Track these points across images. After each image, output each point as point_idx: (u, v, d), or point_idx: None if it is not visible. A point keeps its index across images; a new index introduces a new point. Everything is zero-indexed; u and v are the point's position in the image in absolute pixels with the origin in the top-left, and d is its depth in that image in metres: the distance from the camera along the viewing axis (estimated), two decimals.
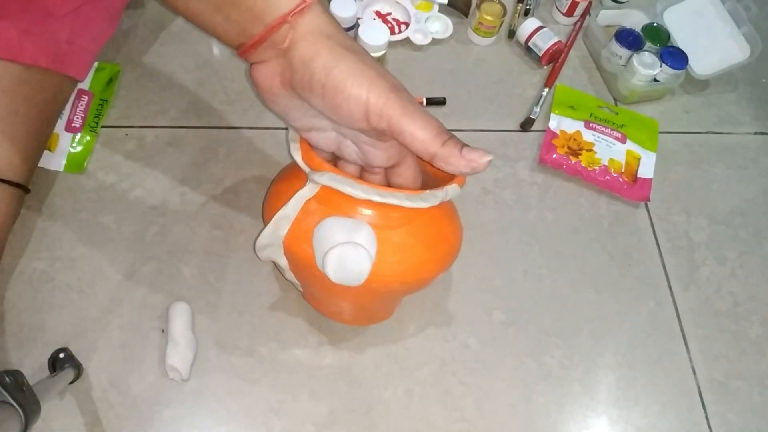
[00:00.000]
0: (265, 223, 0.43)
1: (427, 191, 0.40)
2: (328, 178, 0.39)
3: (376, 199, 0.38)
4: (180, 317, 0.50)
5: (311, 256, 0.41)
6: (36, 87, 0.48)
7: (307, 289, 0.50)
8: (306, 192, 0.41)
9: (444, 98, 0.66)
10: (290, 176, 0.45)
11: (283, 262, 0.45)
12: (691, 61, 0.68)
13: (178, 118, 0.62)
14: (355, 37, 0.65)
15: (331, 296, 0.47)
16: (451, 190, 0.41)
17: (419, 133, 0.36)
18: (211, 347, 0.50)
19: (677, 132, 0.68)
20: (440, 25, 0.71)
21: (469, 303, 0.55)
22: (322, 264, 0.40)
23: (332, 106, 0.37)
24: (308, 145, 0.43)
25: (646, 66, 0.65)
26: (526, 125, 0.66)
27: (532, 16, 0.72)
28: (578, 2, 0.71)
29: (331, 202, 0.41)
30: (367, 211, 0.40)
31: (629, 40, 0.68)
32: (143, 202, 0.56)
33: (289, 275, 0.47)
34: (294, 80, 0.38)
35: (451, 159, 0.37)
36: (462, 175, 0.41)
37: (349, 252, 0.39)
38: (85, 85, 0.60)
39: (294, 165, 0.44)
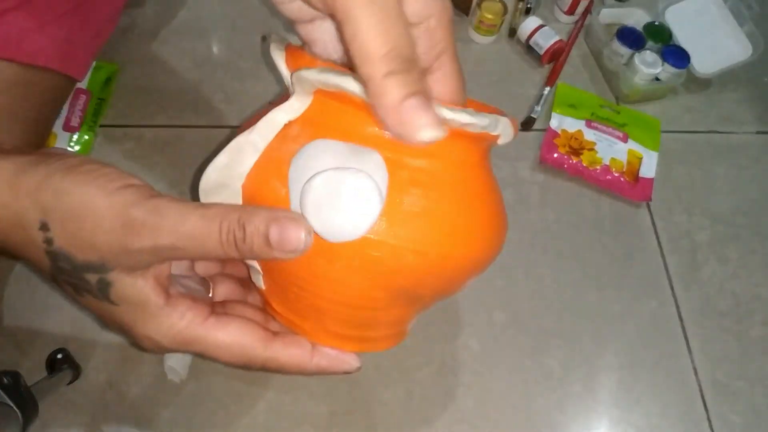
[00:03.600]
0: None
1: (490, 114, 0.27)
2: (325, 74, 0.26)
3: None
4: None
5: (285, 201, 0.27)
6: (34, 86, 0.48)
7: (271, 274, 0.31)
8: (286, 108, 0.27)
9: None
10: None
11: None
12: (693, 60, 0.67)
13: (177, 117, 0.61)
14: None
15: (307, 284, 0.29)
16: (502, 125, 0.28)
17: (363, 35, 0.23)
18: None
19: (679, 131, 0.68)
20: None
21: (469, 303, 0.55)
22: (299, 203, 0.26)
23: None
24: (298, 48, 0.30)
25: (648, 65, 0.65)
26: (527, 124, 0.66)
27: (533, 14, 0.72)
28: (579, 1, 0.71)
29: (326, 124, 0.27)
30: (381, 134, 0.26)
31: (631, 38, 0.68)
32: None
33: None
34: None
35: (382, 100, 0.24)
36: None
37: (345, 178, 0.25)
38: (83, 84, 0.60)
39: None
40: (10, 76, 0.46)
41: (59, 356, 0.47)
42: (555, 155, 0.62)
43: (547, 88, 0.68)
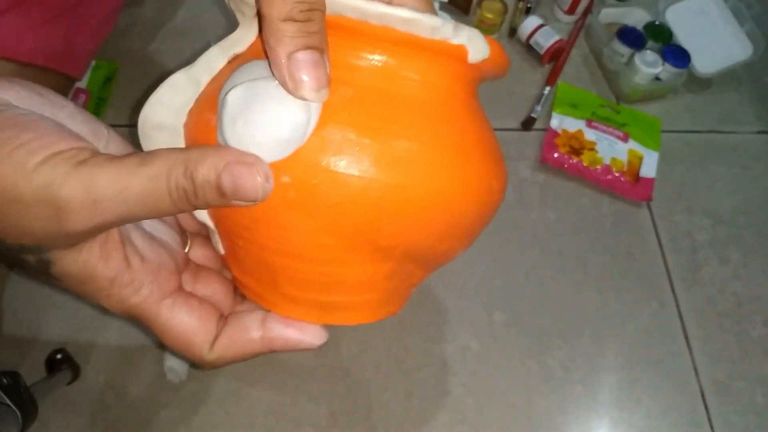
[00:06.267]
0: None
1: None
2: None
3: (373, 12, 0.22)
4: None
5: (214, 132, 0.24)
6: None
7: (222, 229, 0.27)
8: (230, 40, 0.25)
9: None
10: None
11: None
12: (693, 60, 0.67)
13: None
14: None
15: (248, 231, 0.25)
16: (468, 35, 0.24)
17: None
18: None
19: (680, 131, 0.68)
20: None
21: (469, 303, 0.55)
22: (219, 121, 0.23)
23: None
24: None
25: (649, 64, 0.65)
26: (528, 124, 0.65)
27: (533, 14, 0.72)
28: (580, 0, 0.71)
29: None
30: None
31: (631, 38, 0.67)
32: None
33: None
34: None
35: (274, 46, 0.22)
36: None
37: (260, 87, 0.22)
38: (82, 83, 0.59)
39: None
40: (8, 75, 0.46)
41: (59, 356, 0.47)
42: (555, 155, 0.62)
43: (548, 88, 0.67)
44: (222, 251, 0.28)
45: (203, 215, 0.27)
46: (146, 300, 0.25)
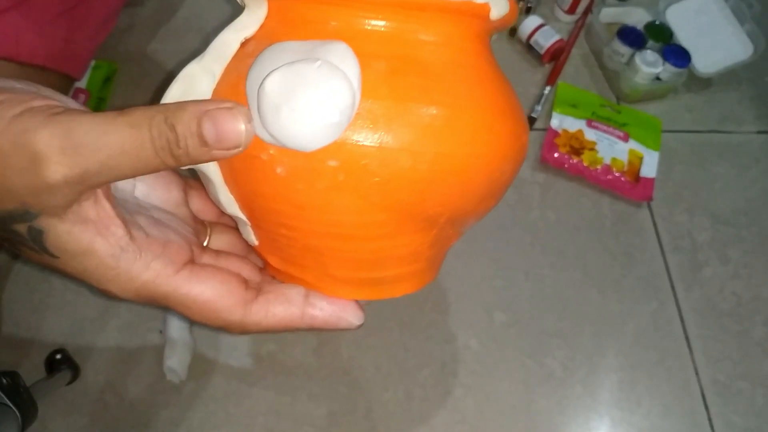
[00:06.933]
0: None
1: None
2: None
3: None
4: (178, 319, 0.49)
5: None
6: None
7: (257, 220, 0.26)
8: (238, 25, 0.24)
9: None
10: None
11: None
12: (693, 60, 0.67)
13: None
14: None
15: (293, 219, 0.24)
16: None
17: None
18: (209, 348, 0.50)
19: (680, 131, 0.68)
20: None
21: (469, 303, 0.55)
22: (257, 109, 0.22)
23: None
24: None
25: (649, 64, 0.65)
26: (528, 124, 0.65)
27: (534, 13, 0.72)
28: (580, 0, 0.71)
29: (285, 29, 0.24)
30: (350, 27, 0.23)
31: (631, 38, 0.67)
32: None
33: (221, 189, 0.26)
34: None
35: None
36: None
37: (301, 71, 0.21)
38: (82, 83, 0.59)
39: None
40: (8, 75, 0.46)
41: (58, 357, 0.47)
42: (556, 155, 0.62)
43: (548, 88, 0.67)
44: (255, 242, 0.27)
45: (234, 207, 0.26)
46: (159, 275, 0.24)
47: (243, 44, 0.24)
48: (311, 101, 0.21)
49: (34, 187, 0.21)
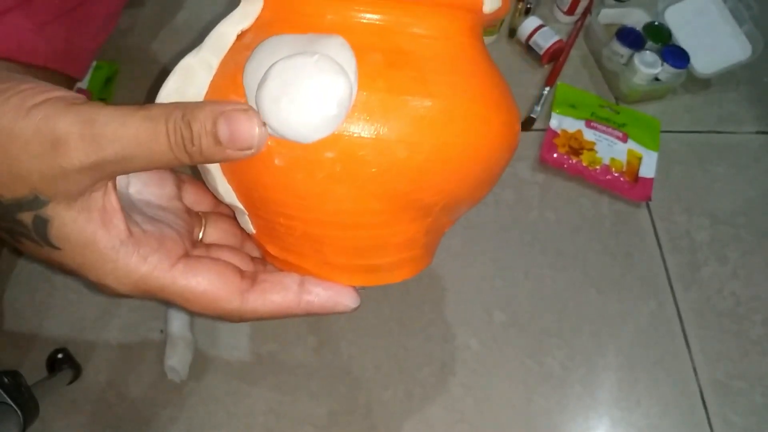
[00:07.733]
0: None
1: None
2: None
3: None
4: (179, 318, 0.49)
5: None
6: None
7: (255, 209, 0.27)
8: (235, 17, 0.25)
9: None
10: None
11: None
12: (692, 60, 0.67)
13: None
14: None
15: (292, 209, 0.25)
16: None
17: None
18: (210, 348, 0.50)
19: (679, 131, 0.68)
20: None
21: (469, 303, 0.55)
22: (255, 101, 0.22)
23: None
24: None
25: (648, 65, 0.65)
26: (527, 124, 0.66)
27: (533, 14, 0.72)
28: (579, 1, 0.71)
29: (281, 22, 0.24)
30: (345, 20, 0.24)
31: (630, 38, 0.68)
32: None
33: (219, 179, 0.26)
34: None
35: None
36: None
37: (300, 63, 0.22)
38: (83, 83, 0.60)
39: None
40: None
41: (59, 356, 0.47)
42: (555, 155, 0.62)
43: (547, 88, 0.68)
44: (253, 231, 0.27)
45: (231, 197, 0.26)
46: (156, 268, 0.25)
47: (240, 36, 0.25)
48: (310, 94, 0.21)
49: (49, 173, 0.22)
